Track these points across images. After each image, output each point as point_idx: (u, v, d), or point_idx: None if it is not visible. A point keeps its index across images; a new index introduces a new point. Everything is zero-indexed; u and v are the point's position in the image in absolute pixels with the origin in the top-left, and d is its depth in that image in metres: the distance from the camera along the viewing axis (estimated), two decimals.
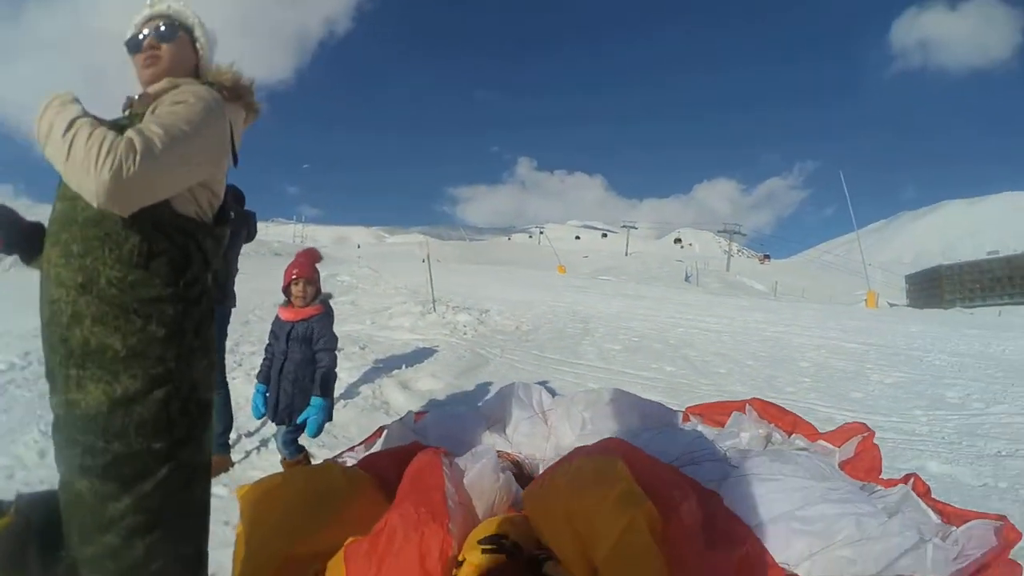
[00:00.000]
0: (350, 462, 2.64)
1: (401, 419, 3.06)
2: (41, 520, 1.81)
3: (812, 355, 7.96)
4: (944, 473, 3.62)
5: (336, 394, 5.10)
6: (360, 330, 9.33)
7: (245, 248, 3.87)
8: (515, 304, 13.17)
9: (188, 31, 1.68)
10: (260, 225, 4.25)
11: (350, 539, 1.76)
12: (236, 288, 3.75)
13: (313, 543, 1.85)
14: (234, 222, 3.06)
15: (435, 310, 10.41)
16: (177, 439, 1.47)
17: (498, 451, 2.48)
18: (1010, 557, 1.95)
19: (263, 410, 3.12)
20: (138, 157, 1.29)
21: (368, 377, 5.56)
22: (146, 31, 1.63)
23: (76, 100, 1.37)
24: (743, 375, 6.40)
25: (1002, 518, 2.19)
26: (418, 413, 3.28)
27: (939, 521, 2.19)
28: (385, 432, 2.97)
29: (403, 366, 5.96)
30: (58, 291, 1.42)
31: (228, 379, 3.88)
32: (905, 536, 1.96)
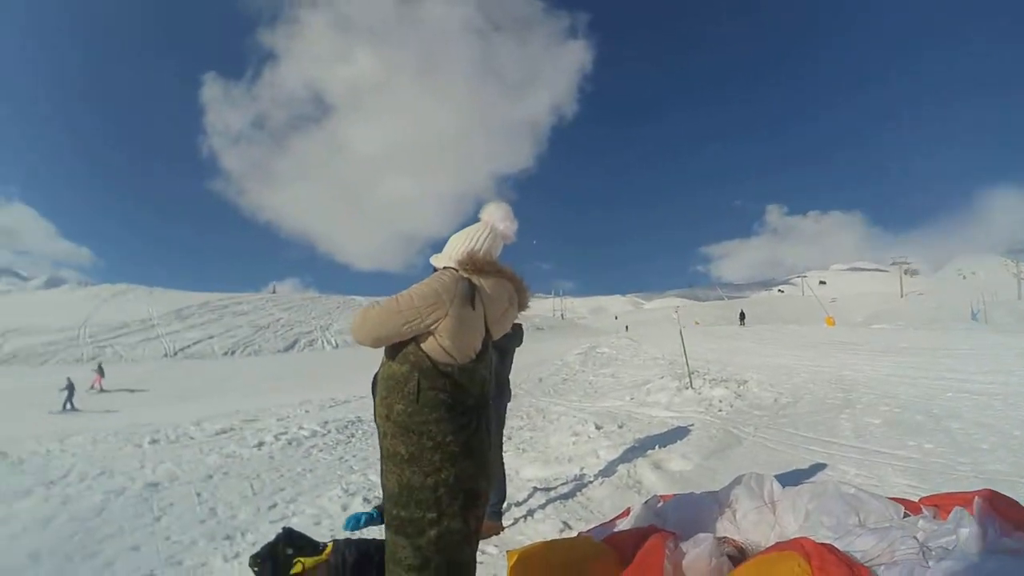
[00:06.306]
0: (598, 536, 3.16)
1: (646, 501, 3.56)
2: (355, 560, 2.70)
3: None
4: None
5: (596, 470, 5.72)
6: (620, 407, 9.92)
7: None
8: (775, 371, 12.70)
9: None
10: None
11: None
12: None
13: None
14: (509, 337, 3.88)
15: (692, 385, 10.65)
16: (443, 512, 2.13)
17: (725, 536, 2.87)
18: None
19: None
20: None
21: (625, 456, 6.10)
22: None
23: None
24: (1009, 451, 5.26)
25: None
26: (663, 496, 3.73)
27: None
28: (632, 512, 3.47)
29: (656, 446, 6.35)
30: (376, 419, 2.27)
31: (503, 455, 4.65)
32: None
